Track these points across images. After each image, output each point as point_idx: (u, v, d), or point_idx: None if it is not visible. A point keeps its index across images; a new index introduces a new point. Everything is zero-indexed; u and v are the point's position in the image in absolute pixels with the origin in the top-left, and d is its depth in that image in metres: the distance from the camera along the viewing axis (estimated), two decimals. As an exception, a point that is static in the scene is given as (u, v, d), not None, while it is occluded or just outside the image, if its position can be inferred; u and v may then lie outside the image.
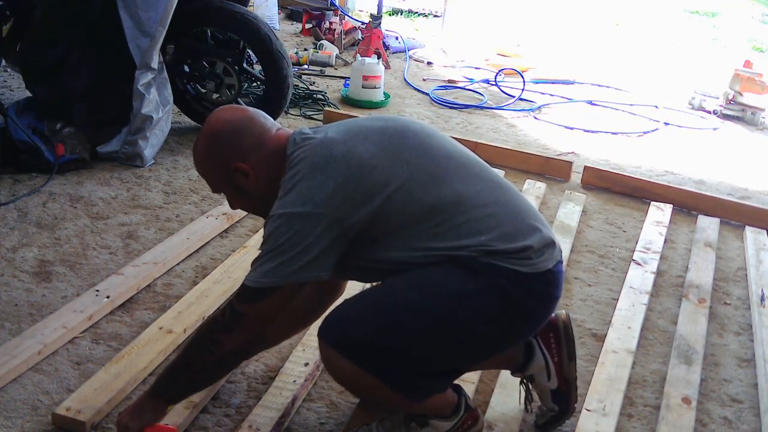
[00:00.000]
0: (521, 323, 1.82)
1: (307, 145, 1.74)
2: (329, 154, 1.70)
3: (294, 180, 1.69)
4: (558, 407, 2.08)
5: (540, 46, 7.28)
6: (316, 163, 1.69)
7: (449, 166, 1.79)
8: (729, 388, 2.47)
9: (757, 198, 4.13)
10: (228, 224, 3.08)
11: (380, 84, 4.96)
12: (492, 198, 1.79)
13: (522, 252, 1.73)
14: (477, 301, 1.72)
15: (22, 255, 2.72)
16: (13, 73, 4.40)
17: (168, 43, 3.63)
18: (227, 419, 2.06)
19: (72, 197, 3.16)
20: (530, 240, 1.75)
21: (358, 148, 1.72)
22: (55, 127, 3.39)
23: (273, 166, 1.76)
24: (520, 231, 1.76)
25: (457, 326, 1.73)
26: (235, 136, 1.78)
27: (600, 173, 3.99)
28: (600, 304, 2.86)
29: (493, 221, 1.74)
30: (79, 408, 1.95)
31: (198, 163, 1.86)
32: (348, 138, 1.75)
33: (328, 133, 1.77)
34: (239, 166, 1.77)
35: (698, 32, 9.25)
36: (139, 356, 2.16)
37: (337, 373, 1.78)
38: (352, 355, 1.71)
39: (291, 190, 1.68)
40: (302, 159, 1.71)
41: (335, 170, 1.68)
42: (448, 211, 1.73)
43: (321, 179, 1.67)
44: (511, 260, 1.72)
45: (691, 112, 5.68)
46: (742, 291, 3.10)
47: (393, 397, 1.76)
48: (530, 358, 2.04)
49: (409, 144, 1.78)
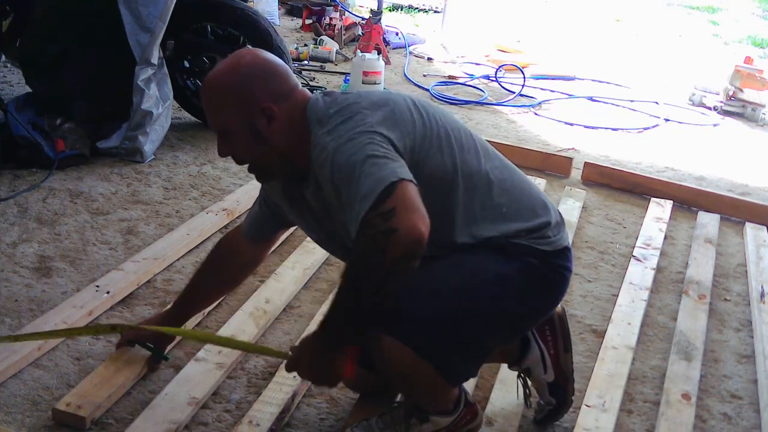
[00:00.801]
0: (549, 300, 1.87)
1: (346, 96, 1.72)
2: (383, 97, 1.70)
3: (352, 111, 1.65)
4: (556, 400, 2.08)
5: (540, 42, 7.27)
6: (373, 101, 1.68)
7: (469, 141, 1.81)
8: (729, 384, 2.48)
9: (757, 194, 4.13)
10: (228, 220, 3.08)
11: (380, 80, 4.95)
12: (507, 174, 1.83)
13: (541, 230, 1.79)
14: (518, 281, 1.75)
15: (22, 250, 2.72)
16: (12, 69, 4.40)
17: (168, 38, 3.63)
18: (227, 414, 2.07)
19: (72, 193, 3.16)
20: (546, 216, 1.82)
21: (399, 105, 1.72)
22: (55, 122, 3.38)
23: (295, 120, 1.70)
24: (536, 207, 1.82)
25: (503, 308, 1.76)
26: (271, 75, 1.71)
27: (600, 169, 3.99)
28: (600, 300, 2.86)
29: (512, 199, 1.79)
30: (79, 403, 1.96)
31: (215, 91, 1.70)
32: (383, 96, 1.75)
33: (359, 92, 1.77)
34: (269, 106, 1.68)
35: (699, 28, 9.24)
36: (139, 351, 2.16)
37: (387, 356, 1.71)
38: (404, 337, 1.67)
39: (351, 118, 1.64)
40: (353, 102, 1.68)
41: (393, 108, 1.68)
42: (479, 188, 1.75)
43: (382, 113, 1.66)
44: (533, 239, 1.77)
45: (691, 108, 5.67)
46: (742, 287, 3.10)
47: (433, 381, 1.73)
48: (526, 351, 2.05)
49: (437, 114, 1.79)
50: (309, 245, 2.92)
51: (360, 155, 1.57)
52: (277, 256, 2.88)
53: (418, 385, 1.78)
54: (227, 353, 2.23)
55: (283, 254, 2.88)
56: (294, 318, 2.54)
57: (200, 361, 2.19)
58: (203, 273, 2.14)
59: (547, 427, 2.15)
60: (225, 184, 3.43)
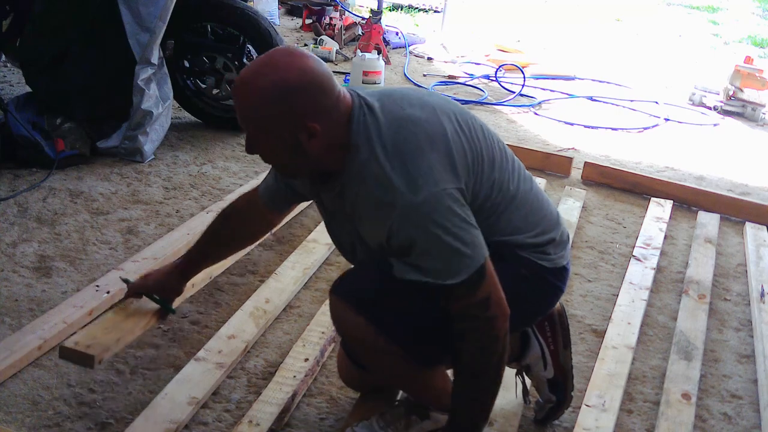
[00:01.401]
0: (529, 309, 1.87)
1: (394, 114, 1.65)
2: (431, 121, 1.66)
3: (411, 147, 1.61)
4: (555, 397, 2.08)
5: (540, 42, 7.27)
6: (428, 134, 1.63)
7: (501, 154, 1.80)
8: (729, 383, 2.48)
9: (758, 194, 4.13)
10: (228, 220, 3.08)
11: (380, 79, 4.95)
12: (527, 186, 1.83)
13: (545, 245, 1.80)
14: (504, 283, 1.74)
15: (22, 250, 2.72)
16: (12, 68, 4.39)
17: (168, 38, 3.63)
18: (227, 414, 2.07)
19: (72, 192, 3.16)
20: (554, 233, 1.83)
21: (442, 123, 1.69)
22: (55, 122, 3.38)
23: (336, 133, 1.63)
24: (547, 223, 1.83)
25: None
26: (318, 89, 1.60)
27: (600, 169, 3.99)
28: (600, 300, 2.86)
29: (527, 213, 1.79)
30: (88, 343, 1.93)
31: (258, 96, 1.58)
32: (428, 114, 1.69)
33: (405, 109, 1.67)
34: (313, 125, 1.59)
35: (699, 28, 9.24)
36: (147, 303, 2.12)
37: (349, 330, 1.78)
38: (366, 312, 1.71)
39: (414, 161, 1.59)
40: (410, 135, 1.63)
41: (448, 143, 1.65)
42: (503, 202, 1.75)
43: (435, 156, 1.61)
44: (535, 253, 1.79)
45: (691, 108, 5.67)
46: (742, 287, 3.10)
47: (399, 360, 1.75)
48: (526, 348, 2.05)
49: (476, 124, 1.77)
50: (309, 245, 2.92)
51: (441, 226, 1.56)
52: (277, 255, 2.88)
53: (377, 359, 1.82)
54: (227, 353, 2.24)
55: (283, 254, 2.88)
56: (294, 318, 2.54)
57: (200, 360, 2.19)
58: (218, 229, 2.09)
59: (547, 427, 2.15)
60: (225, 183, 3.43)
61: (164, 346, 2.32)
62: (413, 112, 1.67)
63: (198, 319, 2.46)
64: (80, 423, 1.98)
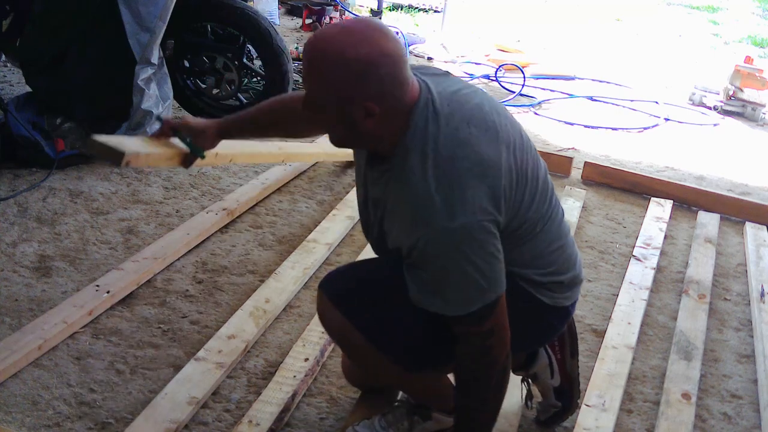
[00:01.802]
0: (517, 341, 1.82)
1: (454, 129, 1.59)
2: (484, 161, 1.58)
3: (459, 173, 1.55)
4: (561, 404, 2.08)
5: (540, 42, 7.27)
6: (482, 159, 1.57)
7: (544, 186, 1.76)
8: (729, 383, 2.48)
9: (758, 194, 4.13)
10: (228, 219, 3.08)
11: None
12: (555, 222, 1.79)
13: (552, 284, 1.77)
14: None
15: (22, 250, 2.72)
16: (12, 68, 4.39)
17: (168, 38, 3.63)
18: (227, 414, 2.07)
19: (72, 192, 3.16)
20: (565, 276, 1.80)
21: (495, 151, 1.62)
22: (55, 122, 3.38)
23: (394, 121, 1.58)
24: (563, 264, 1.80)
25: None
26: (388, 76, 1.53)
27: (600, 169, 3.99)
28: (600, 300, 2.86)
29: (545, 252, 1.76)
30: (116, 142, 1.94)
31: (325, 62, 1.52)
32: (490, 139, 1.62)
33: (470, 128, 1.60)
34: (372, 106, 1.53)
35: (699, 28, 9.24)
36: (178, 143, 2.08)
37: (334, 329, 1.79)
38: (353, 316, 1.72)
39: (459, 187, 1.54)
40: (462, 158, 1.56)
41: (492, 179, 1.58)
42: (531, 237, 1.72)
43: (482, 187, 1.56)
44: (538, 289, 1.76)
45: (691, 108, 5.67)
46: (742, 287, 3.11)
47: (388, 364, 1.75)
48: (534, 357, 2.05)
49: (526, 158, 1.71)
50: (309, 245, 2.92)
51: (467, 258, 1.54)
52: (277, 255, 2.88)
53: (383, 372, 1.82)
54: (227, 353, 2.24)
55: (283, 254, 2.88)
56: (294, 318, 2.54)
57: (200, 360, 2.20)
58: (267, 110, 2.04)
59: (547, 428, 2.15)
60: (225, 183, 3.43)
61: (164, 345, 2.32)
62: (475, 134, 1.59)
63: (198, 319, 2.46)
64: (80, 423, 1.98)
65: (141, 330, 2.37)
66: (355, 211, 3.22)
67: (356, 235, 3.12)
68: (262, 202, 3.28)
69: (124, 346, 2.29)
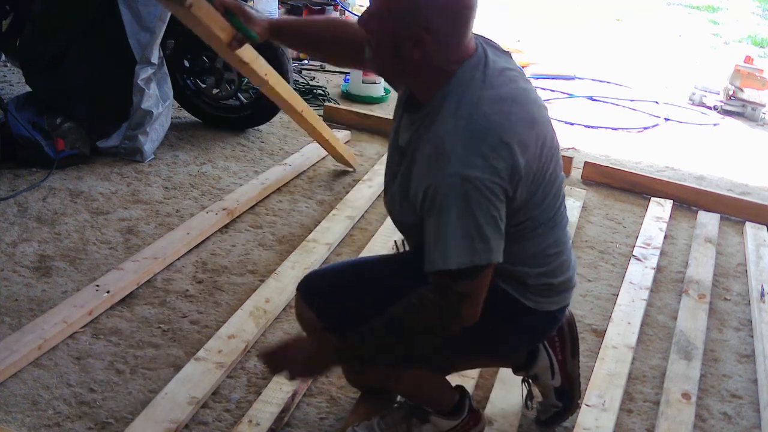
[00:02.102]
0: (505, 339, 1.83)
1: (494, 103, 1.57)
2: (516, 134, 1.56)
3: (484, 138, 1.53)
4: (562, 404, 2.08)
5: (540, 42, 7.27)
6: (499, 135, 1.54)
7: (556, 183, 1.77)
8: (729, 383, 2.48)
9: (758, 194, 4.13)
10: (228, 219, 3.08)
11: (381, 79, 4.95)
12: (557, 224, 1.79)
13: (541, 287, 1.76)
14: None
15: (22, 250, 2.72)
16: (12, 68, 4.39)
17: (168, 38, 3.63)
18: (227, 414, 2.07)
19: (72, 192, 3.16)
20: (556, 279, 1.78)
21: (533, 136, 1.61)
22: (55, 122, 3.38)
23: (440, 64, 1.58)
24: (557, 270, 1.78)
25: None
26: (452, 15, 1.54)
27: (600, 169, 3.99)
28: (600, 300, 2.86)
29: (549, 261, 1.76)
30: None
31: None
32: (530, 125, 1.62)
33: (512, 104, 1.59)
34: (423, 35, 1.53)
35: (699, 28, 9.24)
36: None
37: (308, 328, 1.82)
38: (329, 320, 1.74)
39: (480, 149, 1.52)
40: (497, 124, 1.55)
41: (517, 155, 1.56)
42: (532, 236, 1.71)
43: (506, 156, 1.54)
44: (524, 293, 1.74)
45: (691, 108, 5.67)
46: (742, 286, 3.10)
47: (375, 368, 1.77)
48: (534, 358, 2.04)
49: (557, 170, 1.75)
50: (309, 245, 2.92)
51: (471, 211, 1.51)
52: (277, 255, 2.88)
53: (372, 376, 1.84)
54: (227, 353, 2.24)
55: (283, 254, 2.88)
56: (294, 317, 2.53)
57: (200, 360, 2.20)
58: (324, 26, 2.04)
59: (547, 427, 2.15)
60: (225, 183, 3.43)
61: (164, 345, 2.32)
62: (515, 112, 1.59)
63: (198, 319, 2.46)
64: (80, 422, 1.98)
65: (141, 330, 2.37)
66: (355, 212, 3.24)
67: (356, 235, 3.12)
68: (262, 202, 3.29)
69: (124, 346, 2.29)
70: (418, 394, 1.90)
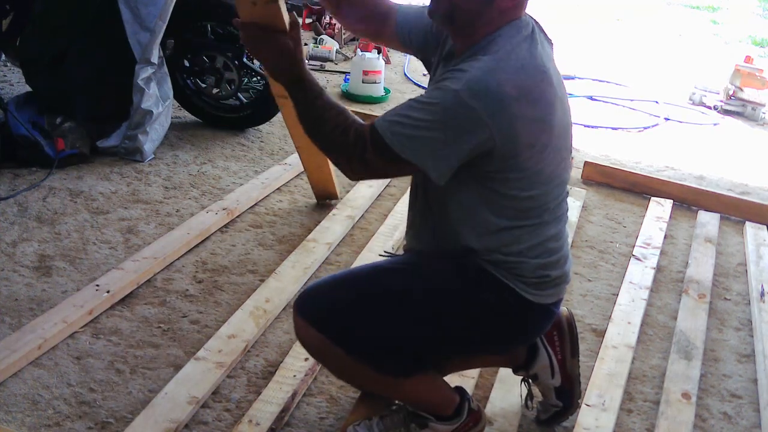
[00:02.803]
0: (497, 335, 1.84)
1: (528, 68, 1.65)
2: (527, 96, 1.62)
3: (502, 91, 1.58)
4: (562, 404, 2.08)
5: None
6: (510, 88, 1.59)
7: (566, 155, 1.79)
8: (729, 383, 2.48)
9: (758, 193, 4.13)
10: (228, 219, 3.08)
11: (380, 79, 4.95)
12: (561, 234, 1.81)
13: (539, 279, 1.76)
14: (457, 302, 1.74)
15: (22, 249, 2.72)
16: (13, 68, 4.39)
17: (168, 37, 3.63)
18: (227, 414, 2.07)
19: (72, 192, 3.16)
20: (554, 272, 1.79)
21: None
22: (55, 121, 3.38)
23: (491, 16, 1.67)
24: (556, 263, 1.79)
25: (427, 313, 1.74)
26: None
27: (600, 168, 3.99)
28: (600, 300, 2.86)
29: (549, 252, 1.77)
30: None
31: None
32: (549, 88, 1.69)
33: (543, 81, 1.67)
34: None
35: (699, 27, 9.24)
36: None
37: (316, 351, 1.80)
38: (329, 331, 1.73)
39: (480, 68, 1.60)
40: (518, 82, 1.61)
41: (525, 101, 1.61)
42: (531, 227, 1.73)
43: (503, 101, 1.59)
44: (518, 282, 1.74)
45: (691, 108, 5.67)
46: (742, 286, 3.11)
47: (373, 374, 1.76)
48: (534, 357, 2.05)
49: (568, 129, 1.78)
50: (309, 244, 2.92)
51: (443, 121, 1.58)
52: (277, 255, 2.88)
53: (372, 384, 1.85)
54: (227, 352, 2.24)
55: (283, 253, 2.88)
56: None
57: (200, 360, 2.20)
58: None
59: (547, 427, 2.15)
60: (225, 183, 3.43)
61: (164, 345, 2.32)
62: (539, 86, 1.66)
63: (198, 319, 2.46)
64: (80, 422, 1.98)
65: (141, 329, 2.37)
66: (355, 211, 3.24)
67: (356, 235, 3.12)
68: (262, 202, 3.29)
69: (124, 346, 2.29)
70: (417, 401, 1.89)
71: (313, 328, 1.74)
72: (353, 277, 1.86)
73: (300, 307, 1.78)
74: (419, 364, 1.80)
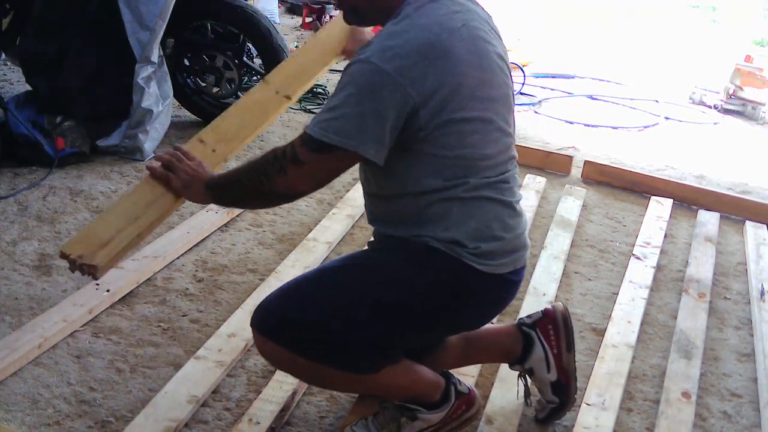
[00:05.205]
0: (459, 313, 1.82)
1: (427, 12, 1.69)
2: (435, 39, 1.65)
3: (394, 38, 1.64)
4: (558, 399, 2.08)
5: (540, 40, 7.27)
6: (419, 43, 1.63)
7: (500, 99, 1.79)
8: (728, 382, 2.48)
9: (758, 193, 4.13)
10: (228, 218, 3.08)
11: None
12: (514, 223, 1.79)
13: (487, 251, 1.73)
14: (411, 288, 1.73)
15: (23, 249, 2.72)
16: (13, 67, 4.39)
17: (168, 36, 3.63)
18: (227, 413, 2.07)
19: (72, 191, 3.16)
20: (505, 239, 1.75)
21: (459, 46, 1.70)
22: (55, 120, 3.38)
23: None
24: (498, 231, 1.75)
25: (380, 306, 1.72)
26: None
27: (600, 168, 3.99)
28: (600, 299, 2.86)
29: (486, 212, 1.74)
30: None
31: None
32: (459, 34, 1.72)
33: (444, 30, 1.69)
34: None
35: (699, 26, 9.24)
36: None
37: (278, 362, 1.80)
38: (285, 340, 1.72)
39: (387, 41, 1.64)
40: (416, 27, 1.66)
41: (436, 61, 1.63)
42: (464, 199, 1.72)
43: (413, 57, 1.61)
44: (470, 256, 1.71)
45: (691, 107, 5.67)
46: (742, 286, 3.10)
47: (340, 374, 1.75)
48: (529, 351, 2.05)
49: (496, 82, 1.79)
50: (309, 244, 2.92)
51: (362, 94, 1.60)
52: (278, 254, 2.88)
53: (344, 385, 1.86)
54: (227, 351, 2.24)
55: (283, 253, 2.88)
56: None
57: (200, 359, 2.20)
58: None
59: (547, 426, 2.15)
60: (225, 182, 3.43)
61: (164, 344, 2.32)
62: (450, 38, 1.67)
63: (198, 318, 2.46)
64: (80, 421, 1.98)
65: (141, 328, 2.37)
66: (355, 210, 3.24)
67: (356, 234, 3.12)
68: (262, 201, 3.28)
69: (124, 345, 2.29)
70: (399, 393, 1.88)
71: (270, 342, 1.73)
72: (301, 282, 1.82)
73: (255, 322, 1.77)
74: (385, 357, 1.77)
